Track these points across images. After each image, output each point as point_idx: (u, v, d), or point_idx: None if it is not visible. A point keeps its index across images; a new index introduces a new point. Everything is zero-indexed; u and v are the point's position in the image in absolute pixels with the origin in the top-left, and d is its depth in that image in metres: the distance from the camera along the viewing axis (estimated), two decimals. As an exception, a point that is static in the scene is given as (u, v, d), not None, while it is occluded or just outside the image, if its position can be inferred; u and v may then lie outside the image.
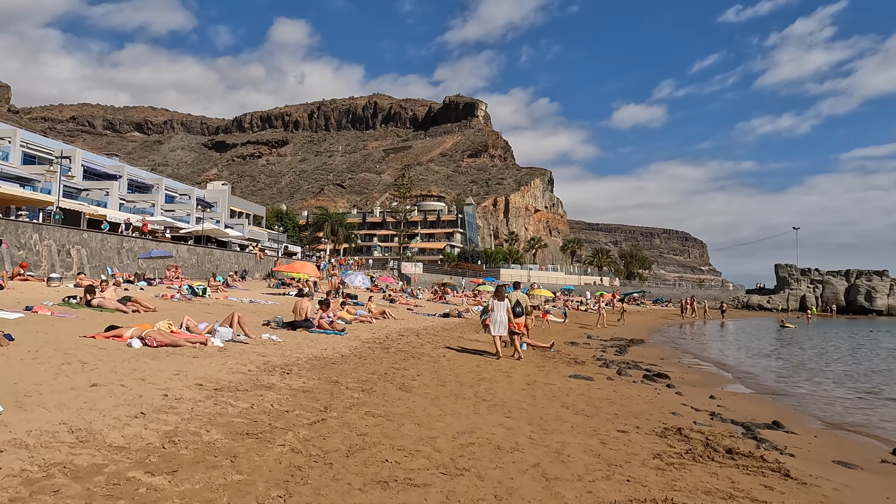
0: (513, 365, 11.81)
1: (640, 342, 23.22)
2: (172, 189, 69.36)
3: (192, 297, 18.86)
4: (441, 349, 13.27)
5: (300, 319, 13.46)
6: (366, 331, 15.45)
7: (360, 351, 11.25)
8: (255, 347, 9.98)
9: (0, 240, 23.80)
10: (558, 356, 14.60)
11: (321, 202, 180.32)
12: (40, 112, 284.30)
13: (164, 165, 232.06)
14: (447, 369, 10.16)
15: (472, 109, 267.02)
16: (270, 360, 8.86)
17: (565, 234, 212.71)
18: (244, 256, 47.22)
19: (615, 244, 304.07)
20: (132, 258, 31.80)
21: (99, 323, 11.20)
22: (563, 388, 9.31)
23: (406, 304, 29.47)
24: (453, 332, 18.40)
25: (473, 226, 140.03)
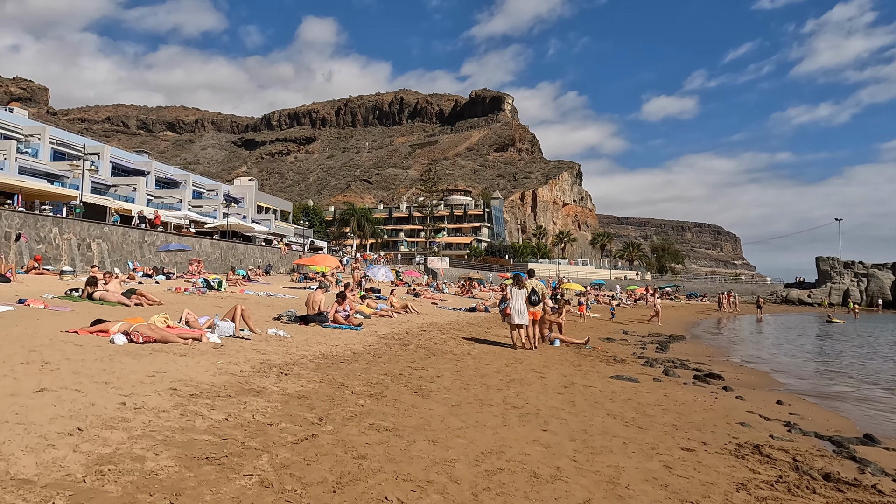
0: (546, 363, 10.57)
1: (681, 338, 21.68)
2: (200, 185, 69.62)
3: (206, 291, 18.06)
4: (465, 346, 12.09)
5: (313, 313, 12.43)
6: (385, 326, 14.36)
7: (376, 348, 10.14)
8: (256, 344, 8.94)
9: (19, 233, 23.46)
10: (594, 353, 13.30)
11: (348, 198, 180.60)
12: (77, 113, 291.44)
13: (195, 164, 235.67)
14: (472, 369, 8.98)
15: (499, 103, 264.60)
16: (270, 358, 7.79)
17: (594, 228, 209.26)
18: (269, 251, 46.76)
19: (645, 238, 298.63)
20: (154, 252, 31.39)
21: (93, 316, 10.32)
22: (605, 392, 8.04)
23: (431, 299, 28.39)
24: (479, 327, 17.21)
25: (500, 220, 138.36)
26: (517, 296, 12.09)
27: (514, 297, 12.14)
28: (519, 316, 11.99)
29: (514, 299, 12.12)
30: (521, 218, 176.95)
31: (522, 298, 12.05)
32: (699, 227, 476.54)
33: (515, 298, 12.09)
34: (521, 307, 11.99)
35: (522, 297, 12.06)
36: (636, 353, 14.23)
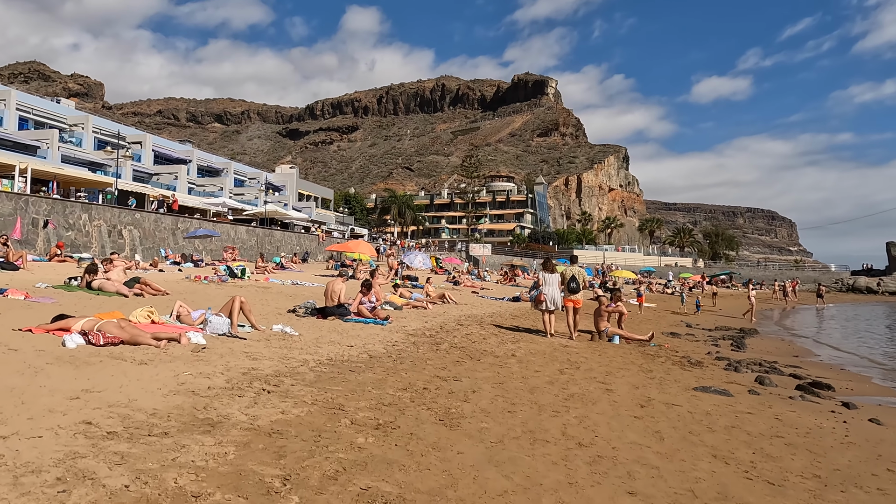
0: (609, 368, 8.61)
1: (753, 332, 19.19)
2: (241, 173, 69.65)
3: (228, 280, 16.73)
4: (509, 344, 10.22)
5: (332, 305, 10.78)
6: (417, 319, 12.62)
7: (400, 349, 8.39)
8: (251, 345, 7.31)
9: (47, 220, 22.81)
10: (662, 353, 11.23)
11: (390, 186, 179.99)
12: (131, 107, 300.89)
13: (242, 154, 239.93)
14: (518, 378, 7.12)
15: (542, 87, 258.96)
16: (259, 366, 6.12)
17: (642, 213, 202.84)
18: (306, 238, 45.84)
19: (694, 224, 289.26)
20: (188, 240, 30.60)
21: (80, 307, 8.95)
22: (696, 413, 6.05)
23: (471, 287, 26.56)
24: (524, 319, 15.29)
25: (544, 206, 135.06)
26: (549, 281, 11.60)
27: (546, 282, 11.63)
28: (552, 302, 11.46)
29: (546, 285, 11.61)
30: (565, 204, 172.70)
31: (555, 284, 11.56)
32: (752, 212, 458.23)
33: (548, 284, 11.59)
34: (554, 293, 11.47)
35: (555, 283, 11.58)
36: (711, 353, 12.05)
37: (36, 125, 46.22)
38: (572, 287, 11.78)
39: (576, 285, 11.85)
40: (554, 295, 11.60)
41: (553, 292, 11.61)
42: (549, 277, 11.78)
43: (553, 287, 11.65)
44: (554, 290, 11.63)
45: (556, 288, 11.65)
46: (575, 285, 11.83)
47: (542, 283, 11.88)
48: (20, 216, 21.26)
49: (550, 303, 11.58)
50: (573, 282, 11.83)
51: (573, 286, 11.80)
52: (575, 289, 11.82)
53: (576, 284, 11.85)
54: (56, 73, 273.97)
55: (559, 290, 11.71)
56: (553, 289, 11.64)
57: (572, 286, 11.79)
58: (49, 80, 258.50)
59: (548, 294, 11.62)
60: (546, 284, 11.74)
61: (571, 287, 11.78)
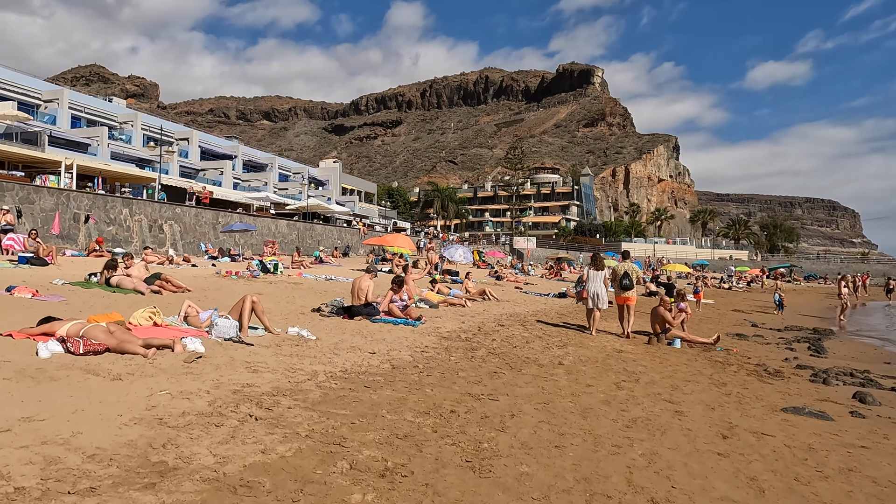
0: (673, 380, 7.35)
1: (828, 333, 17.28)
2: (286, 168, 70.18)
3: (259, 275, 16.08)
4: (556, 349, 9.04)
5: (359, 304, 9.83)
6: (454, 318, 11.57)
7: (430, 355, 7.34)
8: (257, 352, 6.40)
9: (88, 215, 22.84)
10: (732, 359, 9.83)
11: (433, 179, 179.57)
12: (184, 107, 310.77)
13: (289, 150, 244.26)
14: (566, 395, 5.96)
15: (588, 77, 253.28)
16: (258, 381, 5.18)
17: (693, 204, 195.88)
18: (348, 232, 45.44)
19: (748, 216, 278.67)
20: (227, 234, 30.45)
21: (90, 306, 8.30)
22: (795, 449, 4.77)
23: (515, 282, 25.33)
24: (572, 317, 14.04)
25: (591, 198, 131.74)
26: (594, 278, 11.19)
27: (591, 278, 11.23)
28: (595, 299, 11.06)
29: (591, 281, 11.20)
30: (612, 195, 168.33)
31: (601, 280, 11.13)
32: (811, 202, 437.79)
33: (592, 280, 11.18)
34: (599, 290, 11.05)
35: (601, 279, 11.14)
36: (789, 360, 10.52)
37: (88, 123, 47.37)
38: (625, 284, 11.26)
39: (629, 282, 11.31)
40: (598, 291, 11.09)
41: (597, 289, 11.10)
42: (595, 273, 11.28)
43: (598, 283, 11.14)
44: (598, 286, 11.11)
45: (602, 284, 11.14)
46: (628, 282, 11.30)
47: (587, 279, 11.43)
48: (60, 211, 21.28)
49: (592, 300, 11.11)
50: (626, 278, 11.30)
51: (626, 283, 11.27)
52: (628, 286, 11.27)
53: (629, 281, 11.31)
54: (115, 75, 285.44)
55: (606, 286, 11.20)
56: (597, 285, 11.12)
57: (625, 283, 11.27)
58: (108, 82, 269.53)
59: (591, 290, 11.14)
60: (590, 280, 11.25)
61: (624, 284, 11.25)
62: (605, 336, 11.28)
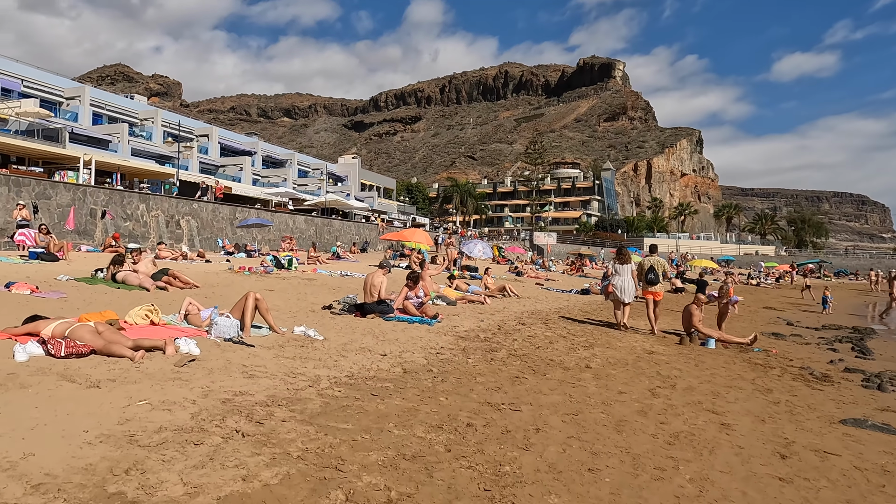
0: (713, 385, 6.68)
1: (869, 332, 16.32)
2: (305, 164, 70.24)
3: (273, 271, 15.67)
4: (582, 350, 8.41)
5: (371, 301, 9.31)
6: (472, 315, 10.99)
7: (446, 357, 6.78)
8: (258, 354, 5.89)
9: (104, 211, 22.72)
10: (772, 361, 9.11)
11: (452, 175, 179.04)
12: (206, 105, 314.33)
13: (309, 147, 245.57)
14: (597, 404, 5.35)
15: (609, 70, 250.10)
16: (253, 387, 4.66)
17: (717, 199, 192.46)
18: (366, 227, 45.11)
19: (773, 210, 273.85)
20: (245, 229, 30.25)
21: (90, 302, 7.91)
22: (868, 472, 4.11)
23: (535, 278, 24.66)
24: (597, 314, 13.37)
25: (612, 192, 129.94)
26: (622, 272, 11.04)
27: (618, 272, 11.10)
28: (623, 293, 10.90)
29: (618, 275, 11.08)
30: (634, 190, 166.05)
31: (628, 274, 10.97)
32: (839, 196, 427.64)
33: (619, 274, 11.05)
34: (626, 284, 10.88)
35: (628, 273, 10.99)
36: (835, 363, 9.75)
37: (109, 120, 47.71)
38: (650, 278, 11.05)
39: (654, 276, 11.08)
40: (625, 285, 10.94)
41: (624, 282, 10.96)
42: (621, 267, 11.16)
43: (625, 277, 10.99)
44: (625, 280, 10.96)
45: (629, 278, 10.98)
46: (653, 276, 11.08)
47: (613, 273, 11.42)
48: (76, 207, 21.16)
49: (620, 293, 10.95)
50: (651, 272, 11.09)
51: (651, 277, 11.06)
52: (653, 280, 11.05)
53: (654, 276, 11.09)
54: (139, 74, 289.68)
55: (634, 280, 11.04)
56: (624, 279, 10.98)
57: (650, 277, 11.06)
58: (132, 81, 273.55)
59: (617, 284, 11.03)
60: (617, 275, 11.16)
61: (649, 278, 11.05)
62: (633, 336, 10.61)
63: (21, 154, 29.14)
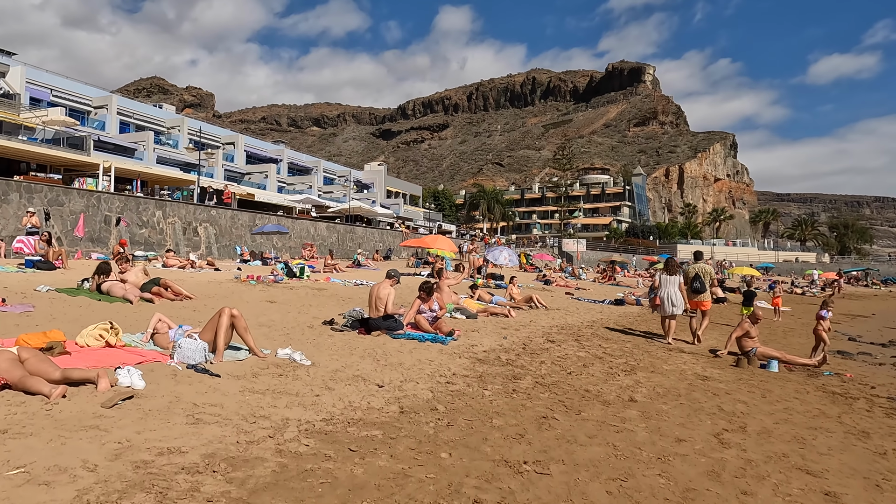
0: (792, 426, 5.31)
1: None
2: (331, 171, 69.98)
3: (284, 279, 14.66)
4: (623, 376, 7.07)
5: (377, 316, 8.13)
6: (494, 331, 9.73)
7: (457, 389, 5.54)
8: (219, 386, 4.74)
9: (119, 217, 22.15)
10: (851, 387, 7.65)
11: (480, 182, 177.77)
12: (238, 115, 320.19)
13: (337, 155, 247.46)
14: (651, 460, 4.05)
15: (639, 74, 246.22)
16: (190, 441, 3.51)
17: (752, 204, 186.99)
18: (390, 234, 44.17)
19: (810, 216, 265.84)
20: (265, 236, 29.53)
21: (48, 319, 6.92)
22: None
23: (565, 287, 23.23)
24: (636, 327, 11.95)
25: (643, 198, 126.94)
26: (668, 282, 10.33)
27: (665, 283, 10.39)
28: (670, 305, 10.23)
29: (664, 286, 10.37)
30: (665, 196, 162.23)
31: (676, 286, 10.26)
32: (881, 201, 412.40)
33: (666, 286, 10.34)
34: (674, 295, 10.20)
35: (675, 284, 10.27)
36: (925, 389, 8.20)
37: (137, 129, 47.91)
38: (696, 287, 10.50)
39: (700, 285, 10.52)
40: (672, 296, 10.22)
41: (671, 293, 10.24)
42: (668, 278, 10.40)
43: (671, 288, 10.27)
44: (672, 290, 10.25)
45: (676, 290, 10.25)
46: (699, 285, 10.51)
47: (660, 284, 10.63)
48: (88, 213, 20.60)
49: (668, 305, 10.23)
50: (697, 281, 10.53)
51: (696, 286, 10.50)
52: (699, 289, 10.51)
53: (700, 284, 10.52)
54: (173, 86, 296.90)
55: (681, 292, 10.29)
56: (671, 290, 10.26)
57: (696, 286, 10.50)
58: (167, 93, 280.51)
59: (664, 296, 10.30)
60: (663, 286, 10.43)
61: (695, 287, 10.50)
62: (679, 355, 9.21)
63: (42, 161, 29.01)
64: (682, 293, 10.23)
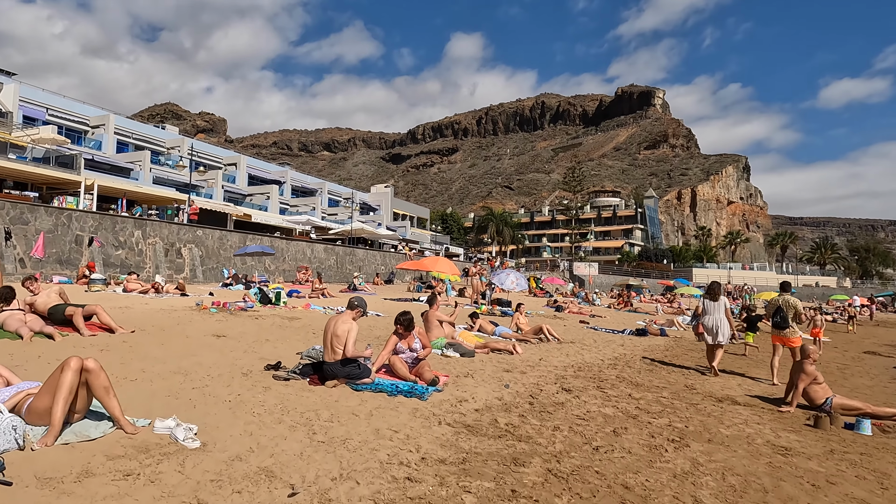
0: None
1: None
2: (336, 193, 68.58)
3: (254, 306, 12.66)
4: (673, 452, 4.95)
5: (332, 360, 6.09)
6: (494, 375, 7.64)
7: (424, 493, 3.49)
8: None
9: (92, 237, 20.38)
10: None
11: (489, 205, 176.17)
12: (249, 140, 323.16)
13: (347, 180, 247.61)
14: None
15: (648, 98, 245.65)
16: None
17: (766, 227, 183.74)
18: (394, 257, 42.26)
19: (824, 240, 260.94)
20: (256, 258, 27.68)
21: None
22: None
23: (578, 314, 21.06)
24: (667, 363, 9.79)
25: (656, 221, 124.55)
26: (711, 309, 9.84)
27: (709, 310, 9.85)
28: (714, 334, 9.66)
29: (709, 314, 9.82)
30: (678, 219, 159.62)
31: (721, 312, 9.74)
32: (895, 225, 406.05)
33: (710, 312, 9.81)
34: (718, 322, 9.63)
35: (721, 311, 9.76)
36: None
37: (136, 148, 46.71)
38: (777, 321, 9.43)
39: (781, 319, 9.37)
40: (717, 325, 9.60)
41: (716, 322, 9.62)
42: (712, 305, 9.80)
43: (717, 315, 9.65)
44: (717, 319, 9.62)
45: (722, 317, 9.62)
46: (780, 319, 9.38)
47: (703, 311, 9.97)
48: (51, 233, 18.83)
49: (712, 334, 9.64)
50: (778, 314, 9.39)
51: (777, 320, 9.41)
52: (779, 324, 9.40)
53: (782, 319, 9.35)
54: (187, 112, 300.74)
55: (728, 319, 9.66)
56: (716, 318, 9.64)
57: (776, 320, 9.42)
58: (181, 118, 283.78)
59: (708, 324, 9.70)
60: (707, 313, 9.80)
61: (776, 321, 9.45)
62: (736, 408, 7.05)
63: (25, 179, 27.49)
64: (730, 321, 9.62)
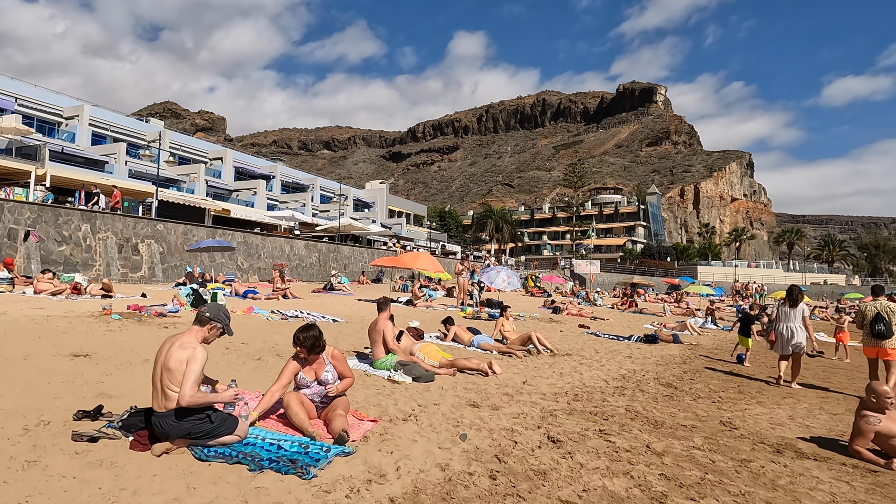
0: None
1: None
2: (328, 189, 66.24)
3: (180, 311, 10.32)
4: None
5: (162, 410, 3.73)
6: (448, 419, 5.27)
7: None
8: None
9: (28, 231, 18.06)
10: None
11: (489, 202, 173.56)
12: (249, 139, 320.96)
13: (348, 178, 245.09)
14: None
15: (650, 95, 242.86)
16: None
17: (770, 224, 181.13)
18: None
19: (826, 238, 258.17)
20: (227, 256, 25.34)
21: None
22: None
23: (578, 316, 18.69)
24: (693, 383, 7.43)
25: (658, 218, 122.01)
26: (788, 316, 8.78)
27: (784, 317, 8.82)
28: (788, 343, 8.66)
29: (783, 320, 8.84)
30: (681, 216, 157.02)
31: (799, 320, 8.71)
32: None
33: (785, 320, 8.80)
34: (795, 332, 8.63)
35: (799, 319, 8.72)
36: None
37: (113, 141, 44.42)
38: (879, 330, 8.29)
39: (884, 327, 8.23)
40: (793, 334, 8.70)
41: (792, 330, 8.73)
42: (790, 311, 8.82)
43: (793, 323, 8.77)
44: (794, 327, 8.73)
45: (799, 324, 8.77)
46: (883, 327, 8.25)
47: (778, 318, 9.08)
48: (-26, 225, 16.50)
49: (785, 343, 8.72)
50: (880, 322, 8.27)
51: (880, 328, 8.27)
52: (883, 332, 8.27)
53: (885, 326, 8.22)
54: (186, 111, 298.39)
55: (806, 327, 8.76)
56: (793, 325, 8.75)
57: (879, 328, 8.28)
58: (180, 117, 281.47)
59: (783, 331, 8.82)
60: (782, 320, 8.92)
61: (878, 330, 8.30)
62: (809, 464, 4.69)
63: (-27, 170, 25.17)
64: (808, 329, 8.77)
